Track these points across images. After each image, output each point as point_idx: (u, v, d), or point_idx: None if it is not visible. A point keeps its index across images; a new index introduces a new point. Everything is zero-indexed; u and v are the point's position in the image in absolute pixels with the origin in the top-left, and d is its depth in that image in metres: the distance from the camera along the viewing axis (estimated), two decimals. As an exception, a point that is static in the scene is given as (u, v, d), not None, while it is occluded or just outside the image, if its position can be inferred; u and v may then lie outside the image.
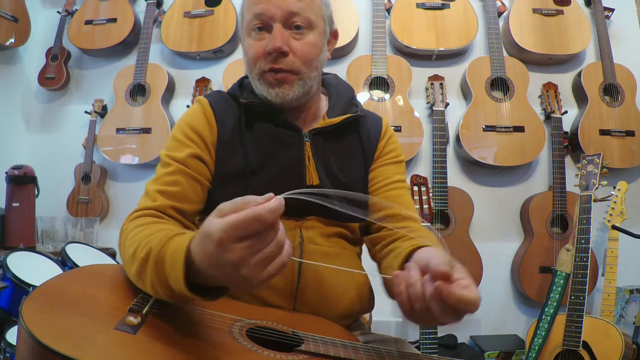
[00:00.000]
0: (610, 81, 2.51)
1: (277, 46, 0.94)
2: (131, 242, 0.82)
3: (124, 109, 2.69)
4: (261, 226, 0.59)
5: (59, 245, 2.38)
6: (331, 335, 0.84)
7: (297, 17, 0.97)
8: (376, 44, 2.59)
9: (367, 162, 1.10)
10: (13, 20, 2.72)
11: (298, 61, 0.98)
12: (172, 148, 1.01)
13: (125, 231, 0.88)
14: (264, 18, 0.97)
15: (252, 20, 0.98)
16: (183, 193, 0.96)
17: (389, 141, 1.14)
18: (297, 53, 0.97)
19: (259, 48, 0.98)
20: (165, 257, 0.70)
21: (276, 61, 0.97)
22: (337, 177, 1.05)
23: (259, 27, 0.98)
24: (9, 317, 1.66)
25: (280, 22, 0.96)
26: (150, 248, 0.74)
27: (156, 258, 0.72)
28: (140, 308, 0.74)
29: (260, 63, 0.98)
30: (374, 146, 1.12)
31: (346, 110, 1.09)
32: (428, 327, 2.08)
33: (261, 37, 0.98)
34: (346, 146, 1.09)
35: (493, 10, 2.64)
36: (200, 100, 1.07)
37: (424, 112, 2.68)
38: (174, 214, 0.95)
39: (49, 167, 2.76)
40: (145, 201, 0.96)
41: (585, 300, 1.96)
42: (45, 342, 0.61)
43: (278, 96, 0.99)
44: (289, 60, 0.97)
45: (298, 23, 0.97)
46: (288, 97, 0.99)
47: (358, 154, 1.09)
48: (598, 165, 2.08)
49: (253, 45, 0.99)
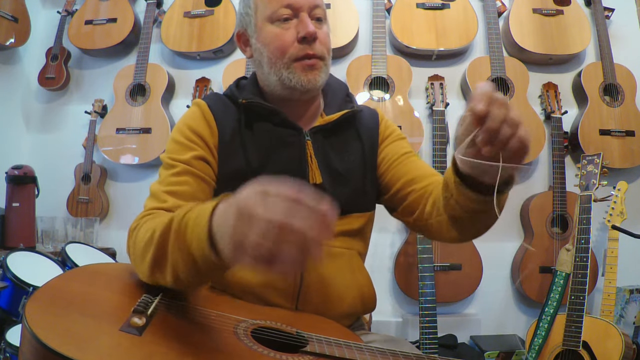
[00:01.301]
0: (610, 81, 2.51)
1: (312, 30, 0.97)
2: (146, 229, 0.81)
3: (124, 109, 2.69)
4: (304, 208, 0.57)
5: (59, 245, 2.37)
6: (334, 336, 0.84)
7: (319, 10, 1.01)
8: (376, 44, 2.59)
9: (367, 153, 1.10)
10: (13, 20, 2.71)
11: (324, 48, 1.01)
12: (174, 151, 1.00)
13: (137, 227, 0.87)
14: (294, 8, 0.99)
15: (279, 10, 0.99)
16: (192, 193, 0.96)
17: (386, 125, 1.17)
18: (322, 41, 1.01)
19: (289, 36, 0.99)
20: (188, 222, 0.70)
21: (311, 47, 0.99)
22: (339, 173, 1.05)
23: (286, 17, 0.99)
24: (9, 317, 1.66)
25: (306, 12, 0.99)
26: (171, 218, 0.74)
27: (178, 225, 0.72)
28: (145, 309, 0.73)
29: (292, 50, 0.99)
30: (375, 135, 1.14)
31: (342, 106, 1.10)
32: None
33: (287, 27, 0.99)
34: (345, 141, 1.09)
35: (493, 10, 2.64)
36: (198, 102, 1.06)
37: (424, 112, 2.68)
38: None
39: (49, 167, 2.75)
40: (153, 203, 0.94)
41: (585, 300, 1.96)
42: (49, 345, 0.60)
43: (310, 82, 1.00)
44: (319, 46, 1.00)
45: (319, 15, 1.01)
46: (318, 84, 1.01)
47: (357, 146, 1.10)
48: (598, 165, 2.09)
49: (281, 34, 0.99)
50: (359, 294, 1.06)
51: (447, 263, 2.42)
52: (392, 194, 1.09)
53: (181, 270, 0.73)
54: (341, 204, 1.03)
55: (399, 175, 1.08)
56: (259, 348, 0.74)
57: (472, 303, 2.61)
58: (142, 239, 0.81)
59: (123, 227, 2.64)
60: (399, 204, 1.08)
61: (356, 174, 1.08)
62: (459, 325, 2.50)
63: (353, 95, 1.17)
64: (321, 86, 1.04)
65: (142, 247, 0.80)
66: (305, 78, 0.99)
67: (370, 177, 1.11)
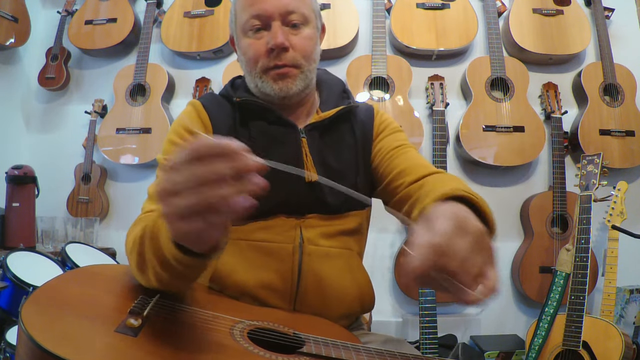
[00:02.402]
0: (610, 81, 2.51)
1: (279, 42, 0.96)
2: (133, 235, 0.82)
3: (124, 109, 2.69)
4: (210, 151, 0.54)
5: (59, 245, 2.38)
6: (332, 336, 0.84)
7: (294, 15, 0.99)
8: (376, 44, 2.59)
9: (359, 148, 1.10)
10: (13, 20, 2.71)
11: (298, 55, 1.00)
12: (170, 151, 1.00)
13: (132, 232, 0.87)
14: (262, 18, 0.98)
15: (249, 21, 0.99)
16: None
17: (381, 119, 1.15)
18: (297, 48, 1.00)
19: (259, 46, 0.99)
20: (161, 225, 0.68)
21: (279, 57, 0.98)
22: (335, 169, 1.05)
23: (258, 27, 0.99)
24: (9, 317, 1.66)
25: (278, 20, 0.98)
26: (145, 225, 0.74)
27: (151, 230, 0.71)
28: (141, 310, 0.73)
29: (263, 61, 0.99)
30: (370, 129, 1.13)
31: (338, 102, 1.10)
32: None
33: (260, 36, 1.00)
34: (340, 137, 1.09)
35: (493, 10, 2.64)
36: (193, 102, 1.07)
37: (424, 112, 2.68)
38: None
39: (49, 167, 2.76)
40: (150, 204, 0.95)
41: (585, 300, 1.96)
42: (45, 346, 0.60)
43: (282, 90, 1.00)
44: (290, 55, 0.99)
45: (295, 21, 1.00)
46: (291, 91, 1.01)
47: (351, 142, 1.09)
48: (598, 165, 2.08)
49: (253, 44, 1.00)
50: (357, 295, 1.06)
51: (447, 263, 2.42)
52: (384, 186, 1.08)
53: (161, 273, 0.72)
54: (337, 202, 1.03)
55: (392, 167, 1.06)
56: (255, 349, 0.74)
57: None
58: (128, 246, 0.83)
59: (123, 227, 2.69)
60: (391, 196, 1.06)
61: (351, 171, 1.08)
62: (459, 325, 2.50)
63: (350, 91, 1.17)
64: (300, 93, 1.03)
65: (129, 253, 0.82)
66: (276, 86, 1.00)
67: (364, 173, 1.10)
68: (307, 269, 0.99)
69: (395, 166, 1.06)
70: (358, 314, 1.11)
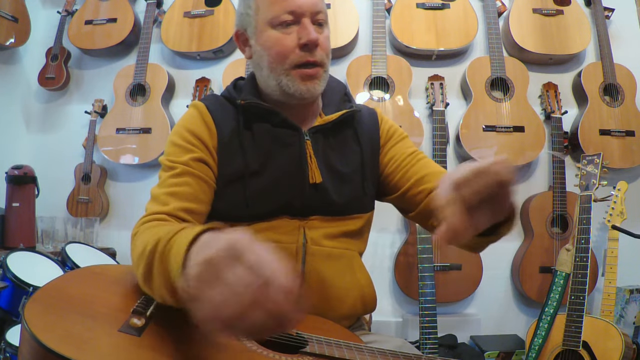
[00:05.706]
0: (610, 81, 2.51)
1: (313, 37, 0.96)
2: (141, 241, 0.80)
3: (124, 109, 2.69)
4: (272, 293, 0.53)
5: (59, 245, 2.37)
6: (334, 336, 0.84)
7: (321, 15, 1.00)
8: (376, 44, 2.59)
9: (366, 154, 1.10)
10: (13, 20, 2.71)
11: (324, 54, 1.00)
12: (173, 154, 1.00)
13: (137, 234, 0.86)
14: (296, 14, 0.97)
15: (282, 15, 0.97)
16: (193, 193, 0.96)
17: (388, 125, 1.17)
18: (322, 46, 1.00)
19: (289, 41, 0.98)
20: (172, 246, 0.66)
21: (312, 53, 0.98)
22: (338, 171, 1.05)
23: (288, 22, 0.98)
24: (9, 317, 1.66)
25: (309, 17, 0.98)
26: (159, 238, 0.72)
27: (163, 248, 0.69)
28: (144, 310, 0.73)
29: (293, 56, 0.98)
30: (376, 136, 1.13)
31: (341, 105, 1.10)
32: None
33: (290, 31, 0.98)
34: (344, 141, 1.09)
35: (493, 10, 2.64)
36: (197, 104, 1.06)
37: (424, 112, 2.68)
38: (185, 216, 0.93)
39: (49, 167, 2.75)
40: (154, 206, 0.94)
41: (585, 300, 1.96)
42: (49, 345, 0.60)
43: (309, 91, 1.00)
44: (319, 52, 0.99)
45: (321, 20, 1.00)
46: (317, 92, 1.02)
47: (356, 147, 1.10)
48: (598, 165, 2.08)
49: (282, 38, 0.98)
50: (359, 295, 1.06)
51: (447, 263, 2.42)
52: (401, 193, 1.09)
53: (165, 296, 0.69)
54: (341, 205, 1.03)
55: (409, 175, 1.08)
56: (258, 349, 0.74)
57: (472, 303, 2.61)
58: (136, 251, 0.80)
59: (123, 227, 2.69)
60: (413, 204, 1.07)
61: (355, 175, 1.08)
62: (459, 325, 2.50)
63: (351, 95, 1.17)
64: (320, 93, 1.04)
65: (135, 259, 0.79)
66: (304, 87, 0.99)
67: (371, 178, 1.10)
68: (310, 269, 0.99)
69: (413, 174, 1.08)
70: (360, 314, 1.12)
